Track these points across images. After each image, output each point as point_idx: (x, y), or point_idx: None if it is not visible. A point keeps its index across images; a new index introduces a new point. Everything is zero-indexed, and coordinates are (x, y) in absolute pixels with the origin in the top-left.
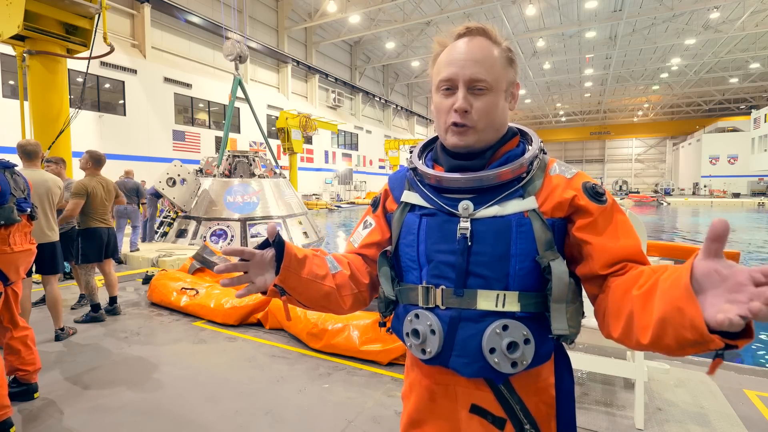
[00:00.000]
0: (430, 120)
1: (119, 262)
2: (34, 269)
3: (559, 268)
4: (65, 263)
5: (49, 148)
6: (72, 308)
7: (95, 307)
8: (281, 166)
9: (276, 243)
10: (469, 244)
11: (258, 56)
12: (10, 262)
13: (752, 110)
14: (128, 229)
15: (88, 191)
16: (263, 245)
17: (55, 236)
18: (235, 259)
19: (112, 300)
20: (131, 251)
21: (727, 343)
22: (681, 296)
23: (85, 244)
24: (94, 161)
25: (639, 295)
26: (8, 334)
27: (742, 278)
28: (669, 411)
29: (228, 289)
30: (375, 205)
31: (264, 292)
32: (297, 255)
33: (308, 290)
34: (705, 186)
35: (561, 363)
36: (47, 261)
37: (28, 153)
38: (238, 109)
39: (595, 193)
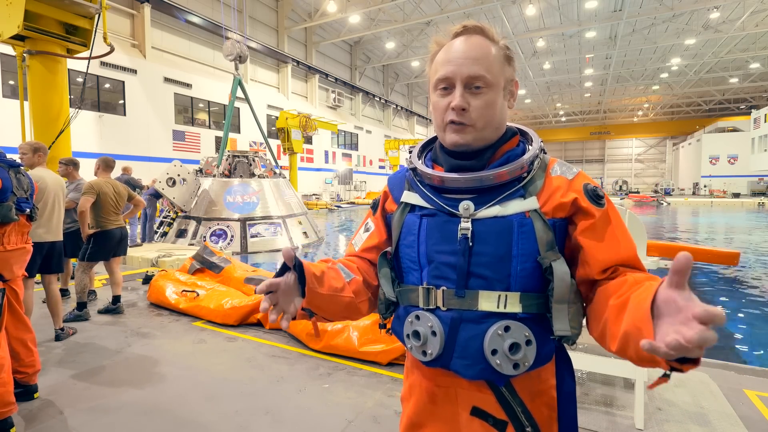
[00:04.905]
0: (430, 120)
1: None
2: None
3: (560, 268)
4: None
5: (49, 148)
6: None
7: (81, 305)
8: (281, 166)
9: (296, 266)
10: (470, 244)
11: (258, 56)
12: (4, 260)
13: (752, 110)
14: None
15: (95, 189)
16: (282, 271)
17: (61, 236)
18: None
19: (116, 299)
20: (129, 246)
21: (673, 366)
22: (642, 318)
23: (96, 246)
24: (103, 164)
25: (614, 306)
26: (9, 335)
27: (690, 314)
28: (669, 411)
29: (228, 289)
30: (375, 207)
31: (294, 317)
32: (316, 273)
33: (330, 305)
34: (705, 186)
35: (562, 364)
36: (56, 259)
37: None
38: (238, 109)
39: (596, 196)
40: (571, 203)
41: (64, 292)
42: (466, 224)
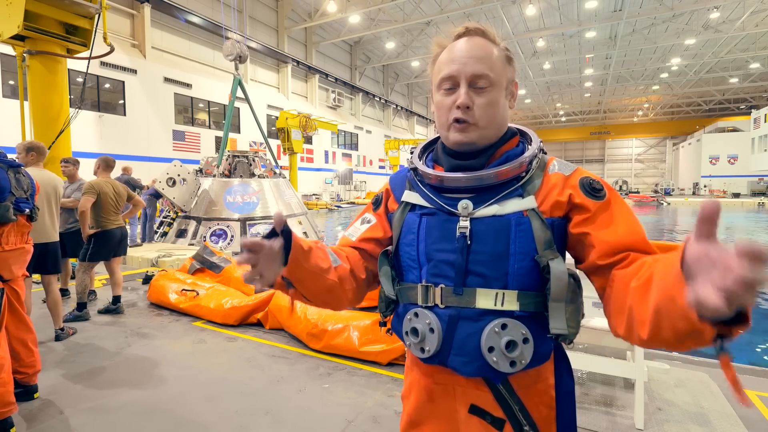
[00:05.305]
0: (430, 120)
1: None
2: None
3: (558, 267)
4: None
5: (49, 148)
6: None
7: (81, 305)
8: (281, 166)
9: (283, 232)
10: (469, 242)
11: (258, 56)
12: (3, 260)
13: (752, 110)
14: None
15: (96, 189)
16: (270, 235)
17: (57, 236)
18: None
19: (116, 299)
20: (129, 246)
21: (720, 332)
22: (673, 284)
23: (97, 247)
24: (103, 164)
25: (637, 287)
26: (9, 335)
27: (731, 261)
28: (669, 411)
29: (228, 289)
30: (376, 203)
31: (272, 285)
32: (303, 246)
33: (313, 283)
34: (705, 186)
35: (561, 364)
36: (51, 260)
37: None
38: (238, 109)
39: (592, 189)
40: (567, 201)
41: (64, 292)
42: (464, 223)
